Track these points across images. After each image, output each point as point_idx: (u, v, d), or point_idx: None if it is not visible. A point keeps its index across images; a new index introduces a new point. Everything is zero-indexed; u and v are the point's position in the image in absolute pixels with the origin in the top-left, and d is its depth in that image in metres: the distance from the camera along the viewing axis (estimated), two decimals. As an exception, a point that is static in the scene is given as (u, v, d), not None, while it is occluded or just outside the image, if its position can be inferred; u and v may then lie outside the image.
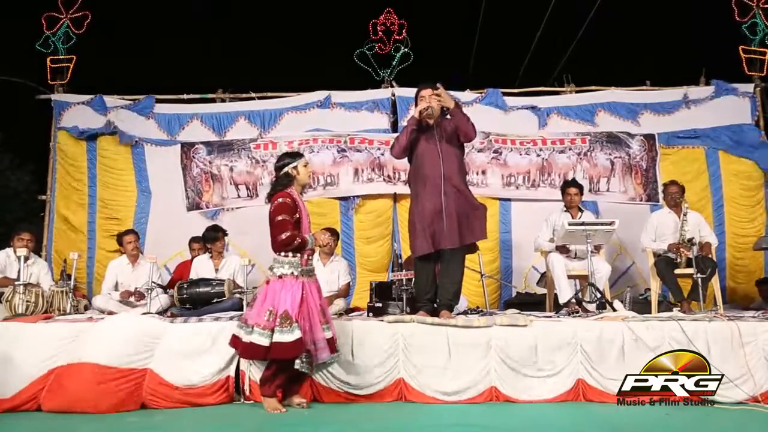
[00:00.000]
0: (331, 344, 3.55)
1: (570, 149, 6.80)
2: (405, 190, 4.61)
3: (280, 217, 3.40)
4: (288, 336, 3.28)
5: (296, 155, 3.67)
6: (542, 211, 6.06)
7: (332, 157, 6.80)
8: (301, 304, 3.37)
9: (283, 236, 3.37)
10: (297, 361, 3.38)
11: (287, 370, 3.45)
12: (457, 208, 4.13)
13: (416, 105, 4.30)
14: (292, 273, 3.42)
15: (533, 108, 6.98)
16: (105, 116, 6.98)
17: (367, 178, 6.79)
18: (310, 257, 3.54)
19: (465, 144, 4.43)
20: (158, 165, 6.94)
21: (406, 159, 4.44)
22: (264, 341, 3.32)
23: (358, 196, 6.78)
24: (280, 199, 3.45)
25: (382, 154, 6.74)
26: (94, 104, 7.04)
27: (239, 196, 6.89)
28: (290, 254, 3.44)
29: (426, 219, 4.13)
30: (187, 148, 6.95)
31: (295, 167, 3.58)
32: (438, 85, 4.18)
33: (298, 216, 3.49)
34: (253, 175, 6.89)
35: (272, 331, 3.32)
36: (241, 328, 3.47)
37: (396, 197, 6.77)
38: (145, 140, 6.96)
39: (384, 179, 6.78)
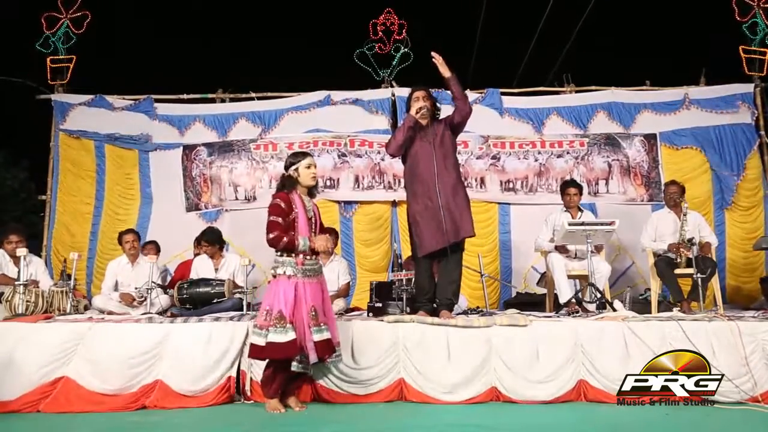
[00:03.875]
0: (325, 346, 3.40)
1: (568, 153, 6.81)
2: (404, 196, 4.63)
3: (271, 218, 3.42)
4: (282, 336, 3.28)
5: (300, 155, 3.61)
6: (541, 211, 6.06)
7: (333, 162, 6.82)
8: (295, 304, 3.35)
9: (270, 236, 3.39)
10: (294, 363, 3.38)
11: (286, 371, 3.44)
12: (453, 205, 4.17)
13: (409, 106, 4.35)
14: (285, 273, 3.40)
15: (533, 108, 6.98)
16: (111, 115, 7.00)
17: (367, 185, 6.81)
18: (309, 258, 3.48)
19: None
20: (160, 167, 6.98)
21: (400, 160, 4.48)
22: (260, 341, 3.32)
23: (356, 202, 6.80)
24: (276, 200, 3.46)
25: (382, 159, 6.76)
26: (97, 104, 7.06)
27: (237, 198, 6.91)
28: (285, 254, 3.43)
29: (427, 217, 4.16)
30: (188, 150, 6.97)
31: (296, 168, 3.55)
32: (433, 54, 4.22)
33: (293, 217, 3.45)
34: (252, 176, 6.92)
35: (268, 330, 3.32)
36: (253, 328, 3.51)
37: (395, 203, 6.79)
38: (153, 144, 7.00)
39: (384, 186, 6.80)
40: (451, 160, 4.30)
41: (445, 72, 4.21)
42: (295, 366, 3.38)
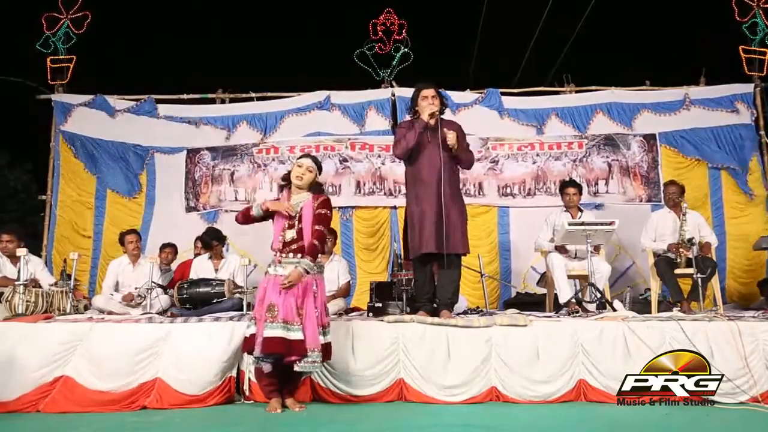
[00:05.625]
0: (279, 344, 3.26)
1: (566, 155, 6.81)
2: (404, 202, 4.66)
3: None
4: (248, 331, 3.45)
5: (299, 158, 3.75)
6: (541, 212, 6.06)
7: (335, 168, 6.85)
8: (262, 299, 3.41)
9: None
10: (251, 357, 3.44)
11: (275, 369, 3.42)
12: (453, 214, 4.16)
13: (414, 104, 4.32)
14: (267, 269, 3.53)
15: (533, 108, 6.98)
16: (113, 118, 7.00)
17: (368, 191, 6.83)
18: (285, 255, 3.48)
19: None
20: (164, 170, 7.01)
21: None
22: None
23: (356, 207, 6.80)
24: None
25: (383, 163, 6.77)
26: (98, 105, 7.05)
27: (236, 199, 6.92)
28: (272, 250, 3.56)
29: (427, 220, 4.14)
30: (192, 153, 6.98)
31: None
32: (446, 131, 4.21)
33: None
34: (253, 178, 6.94)
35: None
36: None
37: (396, 208, 6.79)
38: (155, 149, 7.00)
39: (385, 193, 6.82)
40: (454, 170, 4.31)
41: (459, 143, 4.24)
42: (253, 360, 3.44)
